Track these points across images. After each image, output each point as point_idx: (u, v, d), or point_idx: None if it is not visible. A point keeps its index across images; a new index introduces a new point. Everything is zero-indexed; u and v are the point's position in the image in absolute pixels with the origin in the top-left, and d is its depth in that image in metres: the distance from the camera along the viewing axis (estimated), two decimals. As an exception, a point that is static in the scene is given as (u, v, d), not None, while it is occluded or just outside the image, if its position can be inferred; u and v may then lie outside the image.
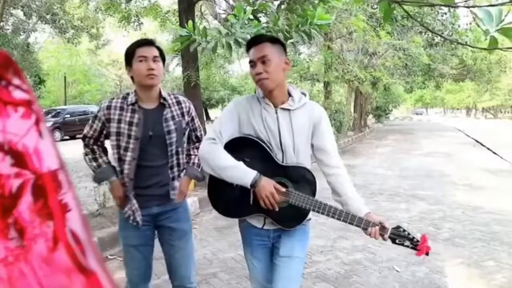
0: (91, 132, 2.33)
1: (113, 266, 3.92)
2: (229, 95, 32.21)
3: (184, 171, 2.42)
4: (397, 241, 1.82)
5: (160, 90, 2.29)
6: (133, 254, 2.34)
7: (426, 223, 5.44)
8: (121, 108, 2.24)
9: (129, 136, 2.21)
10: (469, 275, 3.80)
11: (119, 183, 2.27)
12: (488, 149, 14.71)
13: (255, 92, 2.03)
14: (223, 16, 10.80)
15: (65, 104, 27.17)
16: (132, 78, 2.28)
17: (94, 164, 2.34)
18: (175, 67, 28.88)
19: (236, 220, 2.14)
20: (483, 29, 1.59)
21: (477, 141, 17.61)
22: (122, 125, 2.22)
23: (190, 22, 3.16)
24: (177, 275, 2.41)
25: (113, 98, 2.32)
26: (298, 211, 1.88)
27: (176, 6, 10.21)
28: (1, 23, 15.12)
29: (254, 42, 1.93)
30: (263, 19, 4.36)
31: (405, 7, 2.30)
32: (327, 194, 2.02)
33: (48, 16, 16.08)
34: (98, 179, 2.36)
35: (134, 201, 2.24)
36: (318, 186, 1.91)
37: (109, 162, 2.36)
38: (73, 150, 11.06)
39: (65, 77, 30.60)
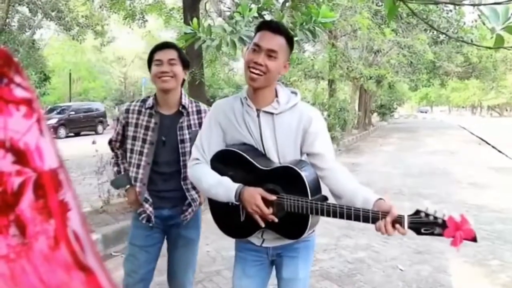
0: (115, 136, 2.34)
1: (117, 263, 3.93)
2: (233, 93, 32.18)
3: None
4: (422, 230, 1.40)
5: (181, 96, 2.23)
6: (137, 255, 2.27)
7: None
8: (139, 112, 2.22)
9: (144, 141, 2.19)
10: (473, 274, 3.78)
11: (134, 191, 2.25)
12: (493, 147, 14.64)
13: None
14: (228, 13, 10.80)
15: (70, 101, 27.32)
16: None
17: (115, 169, 2.37)
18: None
19: None
20: (489, 27, 1.57)
21: (482, 139, 17.53)
22: (138, 129, 2.21)
23: (194, 19, 3.16)
24: (175, 280, 2.39)
25: (132, 101, 2.32)
26: (300, 217, 1.61)
27: (180, 3, 10.21)
28: (7, 20, 15.20)
29: (270, 27, 1.64)
30: (267, 17, 4.36)
31: (410, 4, 2.29)
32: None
33: (53, 13, 16.13)
34: (114, 185, 2.43)
35: (147, 205, 2.23)
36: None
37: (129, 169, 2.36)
38: (78, 147, 11.18)
39: (70, 74, 30.76)
